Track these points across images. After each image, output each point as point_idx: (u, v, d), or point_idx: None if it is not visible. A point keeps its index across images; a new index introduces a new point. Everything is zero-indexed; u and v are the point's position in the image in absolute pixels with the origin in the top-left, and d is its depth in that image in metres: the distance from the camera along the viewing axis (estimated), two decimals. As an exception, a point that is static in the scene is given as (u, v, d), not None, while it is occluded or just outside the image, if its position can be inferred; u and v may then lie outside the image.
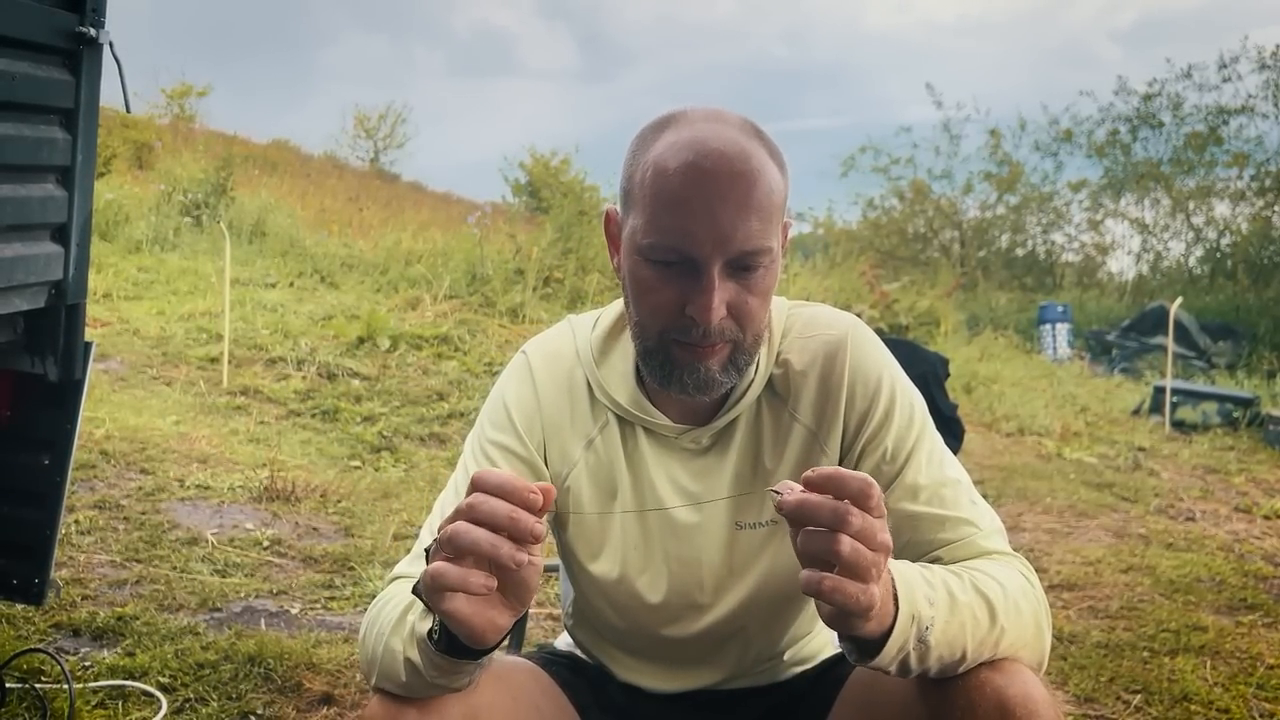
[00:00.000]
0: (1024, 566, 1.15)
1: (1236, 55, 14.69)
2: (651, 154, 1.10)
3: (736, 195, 1.05)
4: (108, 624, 2.69)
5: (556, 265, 8.60)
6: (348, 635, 2.80)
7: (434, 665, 1.02)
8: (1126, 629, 3.23)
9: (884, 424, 1.19)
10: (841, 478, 0.89)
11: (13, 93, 1.83)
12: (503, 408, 1.26)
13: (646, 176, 1.09)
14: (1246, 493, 5.46)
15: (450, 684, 1.06)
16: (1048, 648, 1.13)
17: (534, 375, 1.27)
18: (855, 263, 11.56)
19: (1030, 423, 6.96)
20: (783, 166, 1.12)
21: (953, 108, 17.09)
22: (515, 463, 1.23)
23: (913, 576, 1.00)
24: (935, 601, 1.00)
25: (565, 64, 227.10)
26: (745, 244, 1.06)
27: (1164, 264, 15.64)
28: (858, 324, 1.24)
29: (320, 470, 4.47)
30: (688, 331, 1.09)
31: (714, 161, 1.05)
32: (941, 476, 1.18)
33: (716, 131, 1.08)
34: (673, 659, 1.30)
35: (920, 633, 0.98)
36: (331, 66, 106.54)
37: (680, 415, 1.22)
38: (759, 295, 1.10)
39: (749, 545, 1.23)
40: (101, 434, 4.41)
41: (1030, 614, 1.10)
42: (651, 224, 1.08)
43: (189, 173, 10.54)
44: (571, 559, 1.30)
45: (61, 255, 2.03)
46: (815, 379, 1.21)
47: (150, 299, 7.37)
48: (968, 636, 1.02)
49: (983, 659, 1.04)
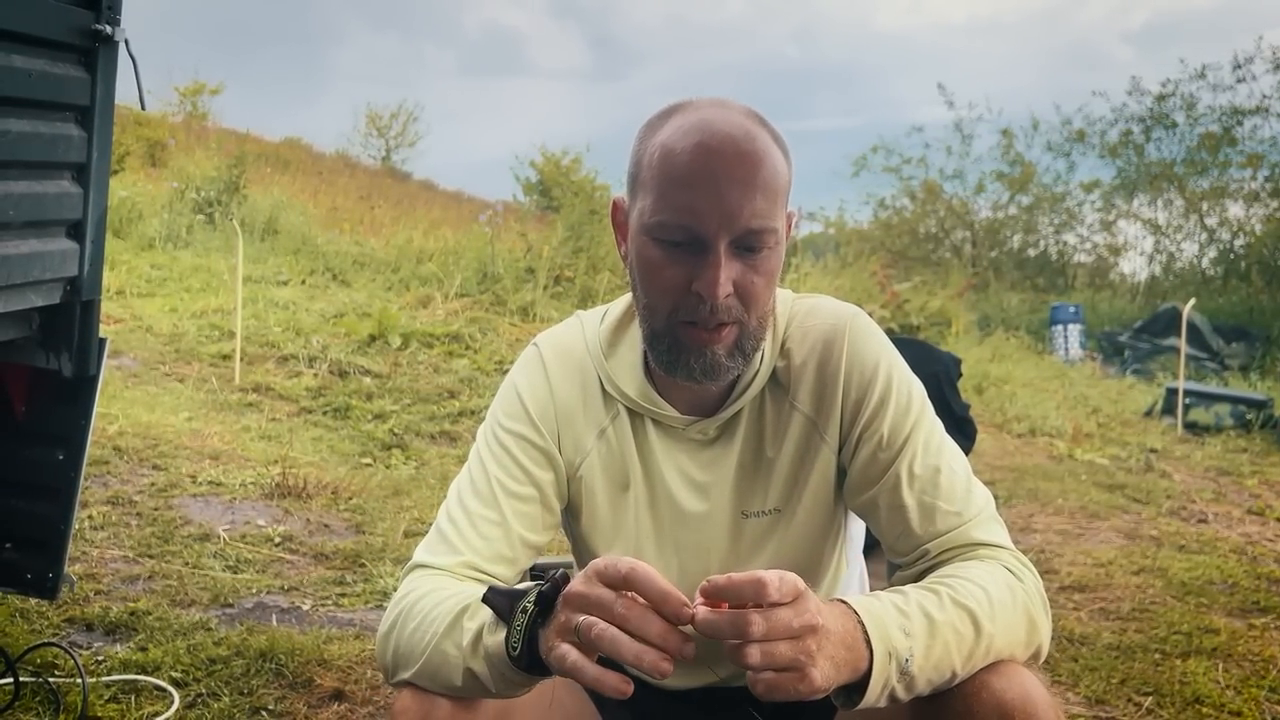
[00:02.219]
0: (1013, 559, 1.15)
1: (1251, 56, 14.61)
2: (659, 137, 1.12)
3: (742, 173, 1.07)
4: (120, 619, 2.71)
5: (567, 264, 8.61)
6: (359, 632, 2.81)
7: (505, 679, 1.03)
8: (1138, 631, 3.22)
9: (879, 411, 1.20)
10: (733, 586, 0.91)
11: (29, 90, 1.84)
12: (516, 398, 1.27)
13: (654, 158, 1.11)
14: (1259, 495, 5.43)
15: (513, 693, 1.07)
16: (1046, 639, 1.12)
17: (546, 367, 1.28)
18: (867, 263, 11.55)
19: (1042, 424, 6.94)
20: (786, 154, 1.14)
21: (964, 107, 17.07)
22: (532, 451, 1.24)
23: (883, 612, 1.00)
24: (912, 631, 1.00)
25: (576, 64, 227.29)
26: (751, 222, 1.08)
27: (1177, 265, 15.56)
28: (858, 314, 1.25)
29: (331, 467, 4.48)
30: (695, 311, 1.10)
31: (720, 141, 1.08)
32: (937, 465, 1.18)
33: (722, 115, 1.11)
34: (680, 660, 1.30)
35: (901, 665, 0.98)
36: (343, 65, 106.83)
37: (687, 407, 1.23)
38: (764, 276, 1.12)
39: (754, 534, 1.25)
40: (115, 430, 4.43)
41: (1020, 610, 1.09)
42: (659, 203, 1.09)
43: (202, 170, 10.59)
44: (585, 550, 1.31)
45: (76, 251, 2.04)
46: (814, 367, 1.22)
47: (163, 296, 7.41)
48: (953, 654, 1.02)
49: (977, 668, 1.04)
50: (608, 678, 0.91)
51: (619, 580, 0.91)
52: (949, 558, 1.15)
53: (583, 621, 0.92)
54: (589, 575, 0.94)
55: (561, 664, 0.93)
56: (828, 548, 1.30)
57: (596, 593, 0.92)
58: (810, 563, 1.28)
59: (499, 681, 1.04)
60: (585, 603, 0.93)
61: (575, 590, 0.95)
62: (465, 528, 1.20)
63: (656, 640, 0.89)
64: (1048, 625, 1.13)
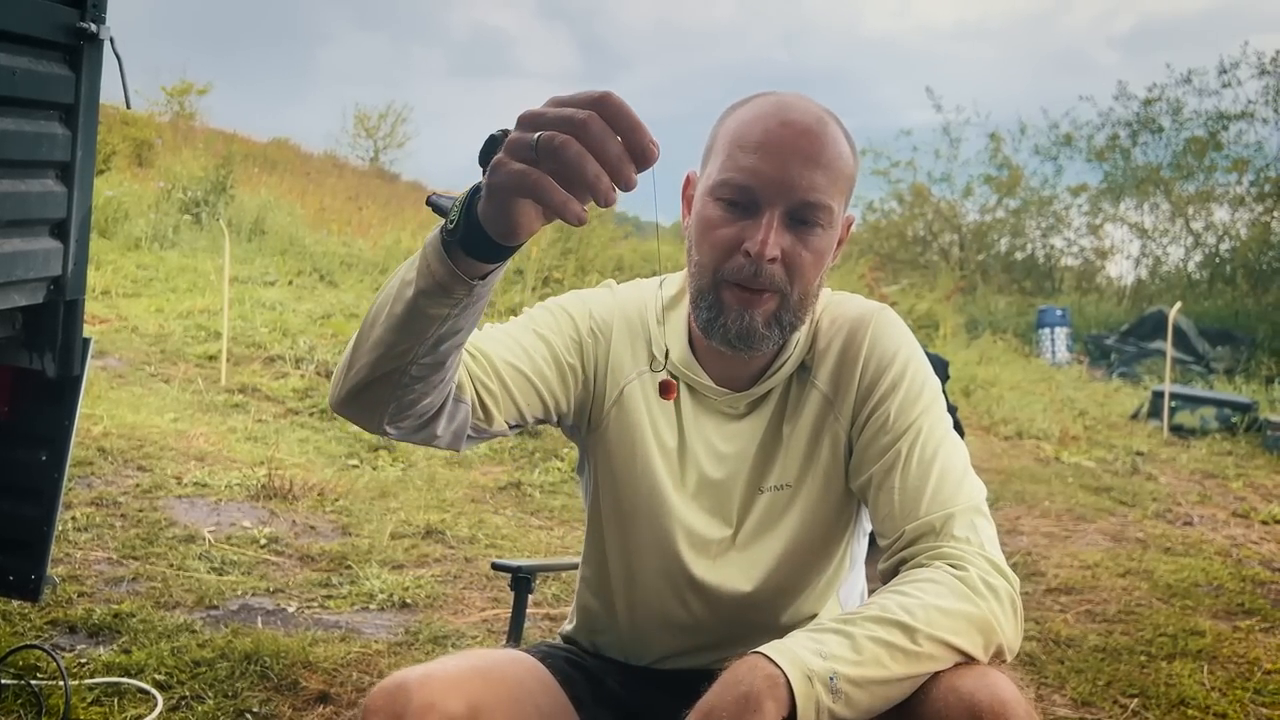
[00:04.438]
0: (979, 558, 1.12)
1: (1237, 61, 14.71)
2: (735, 114, 1.20)
3: (807, 148, 1.14)
4: (104, 621, 2.69)
5: (556, 265, 8.61)
6: (344, 634, 2.80)
7: (433, 273, 0.95)
8: (1124, 633, 3.23)
9: (890, 394, 1.23)
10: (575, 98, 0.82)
11: (13, 88, 1.83)
12: (580, 299, 1.34)
13: (728, 129, 1.18)
14: (1244, 498, 5.46)
15: (438, 308, 0.98)
16: (1009, 638, 1.09)
17: (615, 296, 1.35)
18: (855, 265, 11.58)
19: (1029, 426, 6.96)
20: (854, 150, 1.21)
21: (952, 111, 17.11)
22: (571, 331, 1.29)
23: (791, 643, 1.00)
24: (827, 652, 0.99)
25: (564, 65, 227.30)
26: (808, 194, 1.14)
27: (1163, 269, 15.64)
28: (886, 308, 1.30)
29: (318, 469, 4.46)
30: (741, 270, 1.15)
31: (793, 116, 1.15)
32: (934, 454, 1.20)
33: (800, 101, 1.19)
34: (676, 625, 1.32)
35: (828, 685, 0.97)
36: (331, 65, 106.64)
37: (722, 381, 1.29)
38: (813, 252, 1.17)
39: (768, 508, 1.28)
40: (99, 431, 4.40)
41: (965, 605, 1.06)
42: (726, 164, 1.16)
43: (189, 170, 10.55)
44: (603, 465, 1.32)
45: (61, 251, 2.03)
46: (838, 349, 1.27)
47: (149, 296, 7.37)
48: (886, 661, 1.01)
49: (929, 669, 1.03)
50: (571, 203, 0.81)
51: (587, 100, 0.82)
52: (919, 549, 1.15)
53: (543, 135, 0.81)
54: (548, 100, 0.84)
55: (509, 177, 0.83)
56: (838, 531, 1.30)
57: (558, 111, 0.82)
58: (821, 542, 1.29)
59: (425, 278, 0.96)
60: (543, 119, 0.82)
61: (530, 110, 0.84)
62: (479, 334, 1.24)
63: (612, 161, 0.80)
64: (1013, 624, 1.10)
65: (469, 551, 3.63)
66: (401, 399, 1.07)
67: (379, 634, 2.84)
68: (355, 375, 1.08)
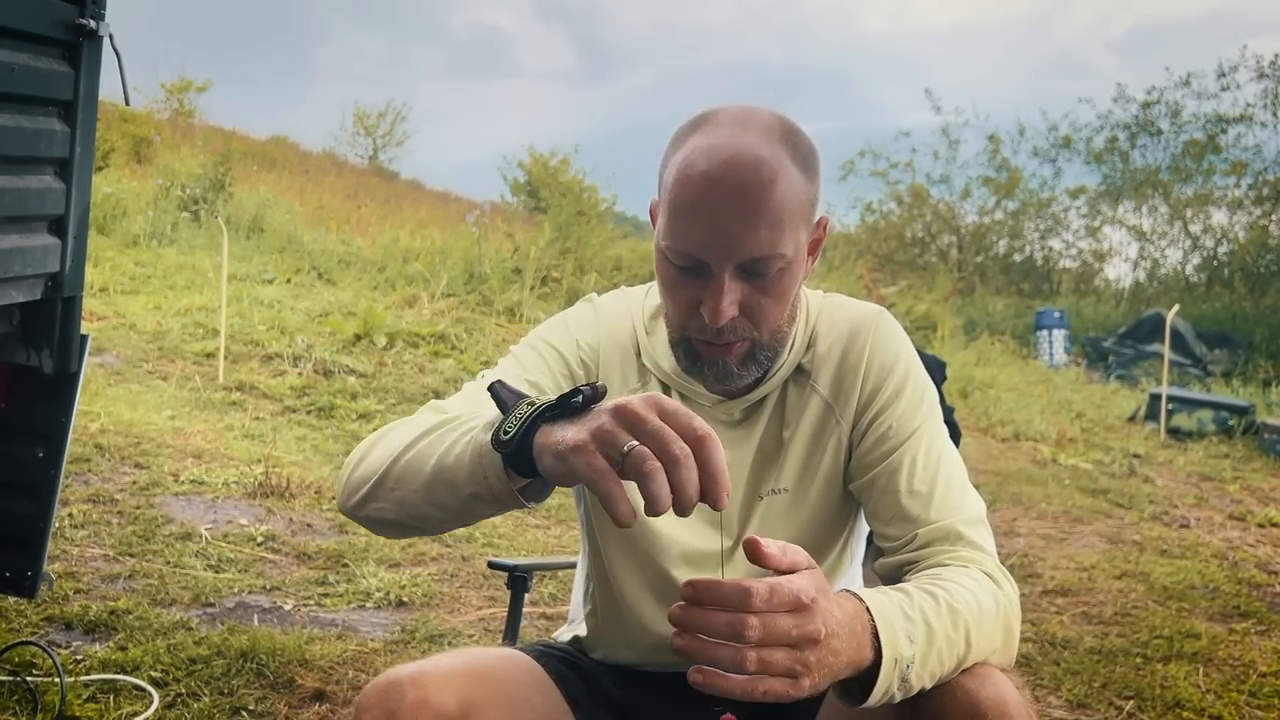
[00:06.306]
0: (994, 568, 1.16)
1: (1235, 64, 14.74)
2: (679, 155, 1.14)
3: (745, 206, 1.08)
4: (100, 618, 2.69)
5: (554, 265, 8.61)
6: (341, 632, 2.80)
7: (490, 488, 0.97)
8: (1120, 635, 3.23)
9: (893, 400, 1.23)
10: (718, 594, 0.87)
11: (11, 84, 1.82)
12: (564, 326, 1.32)
13: (671, 180, 1.13)
14: (1241, 500, 5.47)
15: (489, 510, 1.01)
16: (1016, 646, 1.14)
17: (599, 315, 1.33)
18: (853, 266, 11.60)
19: (1026, 428, 6.97)
20: (809, 169, 1.14)
21: (951, 113, 17.17)
22: (562, 366, 1.28)
23: (894, 615, 1.00)
24: (915, 637, 1.00)
25: (563, 65, 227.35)
26: (754, 251, 1.09)
27: (1161, 271, 15.67)
28: (885, 312, 1.30)
29: (315, 467, 4.46)
30: (704, 329, 1.14)
31: (726, 172, 1.08)
32: (938, 461, 1.21)
33: (735, 140, 1.10)
34: None
35: (903, 673, 0.98)
36: (330, 64, 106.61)
37: (716, 389, 1.27)
38: (772, 296, 1.14)
39: (768, 513, 1.27)
40: (96, 428, 4.40)
41: (1002, 621, 1.10)
42: (670, 227, 1.13)
43: (187, 168, 10.54)
44: None
45: (59, 247, 2.03)
46: (838, 354, 1.26)
47: (147, 293, 7.36)
48: (945, 663, 1.02)
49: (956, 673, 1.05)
50: (627, 511, 0.83)
51: (689, 434, 0.84)
52: (934, 551, 1.16)
53: (636, 449, 0.83)
54: (651, 402, 0.87)
55: (589, 468, 0.85)
56: (836, 533, 1.31)
57: (658, 428, 0.84)
58: (818, 544, 1.29)
59: (481, 486, 0.97)
60: (640, 429, 0.85)
61: (634, 410, 0.86)
62: (480, 393, 1.20)
63: (685, 504, 0.82)
64: (1018, 635, 1.15)
65: (465, 550, 3.63)
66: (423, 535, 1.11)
67: (375, 632, 2.84)
68: (379, 510, 1.09)
